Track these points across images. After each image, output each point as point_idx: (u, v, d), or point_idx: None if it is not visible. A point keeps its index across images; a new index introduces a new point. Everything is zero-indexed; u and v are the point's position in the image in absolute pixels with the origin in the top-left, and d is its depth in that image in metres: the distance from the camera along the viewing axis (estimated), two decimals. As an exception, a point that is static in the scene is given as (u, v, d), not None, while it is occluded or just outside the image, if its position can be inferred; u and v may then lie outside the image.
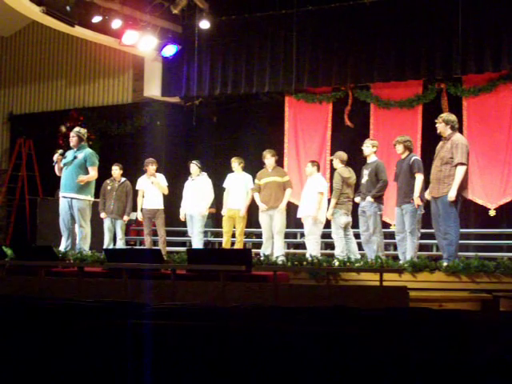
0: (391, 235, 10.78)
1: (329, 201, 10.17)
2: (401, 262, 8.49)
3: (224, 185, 10.45)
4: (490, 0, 10.66)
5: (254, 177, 10.24)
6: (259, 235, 10.67)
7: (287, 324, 2.52)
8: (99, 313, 2.96)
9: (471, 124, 11.16)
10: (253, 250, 9.21)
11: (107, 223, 10.75)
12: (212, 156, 12.93)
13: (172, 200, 10.94)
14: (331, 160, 9.91)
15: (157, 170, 10.70)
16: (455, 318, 2.98)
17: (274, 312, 3.34)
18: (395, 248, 10.33)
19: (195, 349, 1.50)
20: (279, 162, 10.71)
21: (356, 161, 10.02)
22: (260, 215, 10.03)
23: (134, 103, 14.01)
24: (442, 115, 8.57)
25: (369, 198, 8.97)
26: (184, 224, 10.76)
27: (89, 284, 8.03)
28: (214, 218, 12.33)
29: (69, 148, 9.90)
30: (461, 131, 10.06)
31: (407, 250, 8.60)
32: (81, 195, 9.42)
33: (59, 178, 9.79)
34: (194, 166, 10.52)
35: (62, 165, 9.54)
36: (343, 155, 9.67)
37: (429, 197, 8.49)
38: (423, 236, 9.30)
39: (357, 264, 8.59)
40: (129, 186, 10.97)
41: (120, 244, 10.71)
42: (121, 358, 1.55)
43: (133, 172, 11.67)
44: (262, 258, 9.25)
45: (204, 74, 12.72)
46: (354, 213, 9.46)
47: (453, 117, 8.51)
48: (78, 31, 12.04)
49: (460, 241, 8.80)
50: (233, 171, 10.45)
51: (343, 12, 11.67)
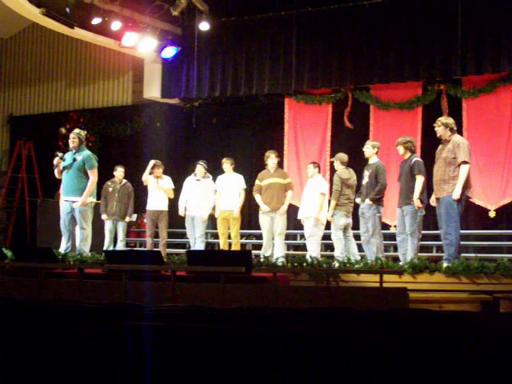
0: (391, 236, 10.79)
1: (329, 202, 10.19)
2: (401, 263, 8.50)
3: (215, 187, 10.44)
4: (490, 1, 10.67)
5: (251, 178, 10.23)
6: (259, 237, 10.67)
7: (287, 325, 2.52)
8: (99, 314, 2.96)
9: (471, 125, 11.16)
10: (253, 252, 9.21)
11: (108, 225, 10.75)
12: (211, 157, 12.91)
13: (172, 202, 10.93)
14: (332, 162, 9.90)
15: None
16: (455, 320, 2.98)
17: (274, 313, 3.34)
18: (395, 249, 10.33)
19: (195, 351, 1.50)
20: (279, 164, 10.71)
21: (356, 162, 10.02)
22: (261, 216, 10.03)
23: (134, 105, 14.02)
24: (440, 119, 8.59)
25: (367, 201, 8.99)
26: (183, 225, 10.74)
27: (89, 286, 8.03)
28: (213, 220, 12.32)
29: (68, 150, 9.88)
30: (460, 132, 10.07)
31: (407, 252, 8.60)
32: (80, 198, 9.40)
33: (59, 180, 9.78)
34: (201, 167, 10.51)
35: (62, 168, 9.52)
36: (343, 157, 9.67)
37: (433, 203, 8.49)
38: (424, 237, 9.30)
39: (357, 265, 8.59)
40: (130, 188, 10.98)
41: (121, 245, 10.72)
42: (121, 360, 1.55)
43: (132, 174, 11.67)
44: (262, 260, 9.25)
45: (204, 76, 12.72)
46: (355, 214, 9.46)
47: (450, 119, 8.57)
48: (78, 33, 12.05)
49: (460, 242, 8.80)
50: (223, 173, 10.45)
51: (343, 13, 11.68)
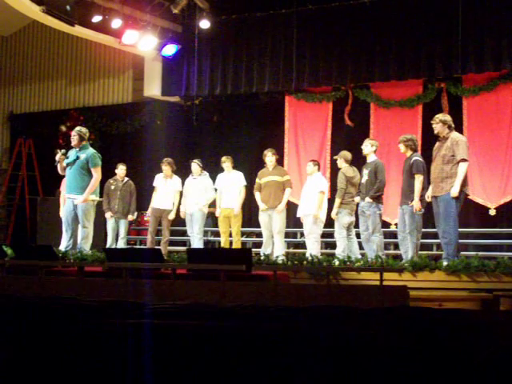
0: (391, 235, 10.80)
1: (329, 200, 10.18)
2: (403, 262, 8.50)
3: (215, 185, 10.45)
4: (490, 0, 10.65)
5: (252, 175, 10.24)
6: (259, 234, 10.67)
7: (287, 323, 2.52)
8: (99, 312, 2.96)
9: (471, 123, 11.16)
10: (253, 250, 9.21)
11: (111, 223, 10.76)
12: (212, 155, 12.91)
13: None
14: (335, 160, 9.89)
15: (172, 171, 10.67)
16: (455, 318, 2.98)
17: (275, 311, 3.34)
18: (395, 247, 10.34)
19: (195, 349, 1.50)
20: (279, 162, 10.70)
21: (356, 160, 10.02)
22: (260, 214, 10.04)
23: (134, 103, 14.01)
24: (438, 116, 8.57)
25: (367, 199, 8.99)
26: (184, 223, 10.77)
27: (89, 283, 8.03)
28: (214, 218, 12.32)
29: (69, 147, 9.86)
30: (461, 131, 10.07)
31: (408, 250, 8.61)
32: (82, 196, 9.39)
33: (59, 178, 9.76)
34: (196, 165, 10.53)
35: (65, 164, 9.47)
36: (347, 154, 9.68)
37: (429, 199, 8.49)
38: (424, 235, 9.30)
39: (357, 263, 8.59)
40: (132, 186, 10.98)
41: (121, 243, 10.72)
42: (121, 358, 1.55)
43: (133, 171, 11.67)
44: (262, 258, 9.25)
45: (204, 74, 12.71)
46: (355, 212, 9.47)
47: (448, 117, 8.55)
48: (78, 31, 12.04)
49: (460, 240, 8.80)
50: (223, 171, 10.46)
51: (343, 11, 11.66)
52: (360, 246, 9.51)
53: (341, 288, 7.76)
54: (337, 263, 8.73)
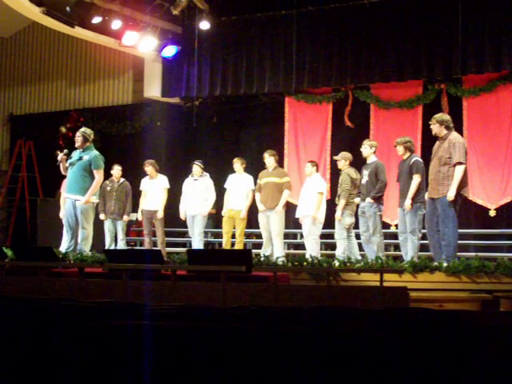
0: (391, 236, 10.80)
1: (329, 201, 10.18)
2: (404, 263, 8.50)
3: (225, 185, 10.46)
4: (490, 0, 10.66)
5: (255, 177, 10.26)
6: (260, 236, 10.68)
7: (287, 325, 2.52)
8: (99, 313, 2.96)
9: (471, 124, 11.16)
10: (253, 251, 9.22)
11: (108, 224, 10.77)
12: (212, 156, 12.93)
13: (172, 200, 10.93)
14: (336, 160, 9.89)
15: (159, 171, 10.73)
16: (455, 319, 2.98)
17: (275, 312, 3.34)
18: (395, 248, 10.34)
19: (195, 350, 1.50)
20: (279, 163, 10.71)
21: (356, 161, 10.03)
22: (259, 215, 10.06)
23: (134, 104, 14.02)
24: (436, 116, 8.56)
25: (368, 199, 8.99)
26: (184, 225, 10.77)
27: (89, 285, 8.03)
28: (214, 219, 12.33)
29: (70, 148, 9.86)
30: (461, 131, 10.07)
31: (408, 251, 8.61)
32: (83, 197, 9.38)
33: (59, 179, 9.76)
34: (197, 167, 10.54)
35: (68, 164, 9.46)
36: (349, 155, 9.68)
37: (425, 198, 8.50)
38: (424, 236, 9.29)
39: (357, 264, 8.60)
40: (128, 187, 10.99)
41: (121, 244, 10.73)
42: (120, 359, 1.55)
43: (133, 173, 11.67)
44: (263, 259, 9.26)
45: (204, 75, 12.73)
46: (355, 213, 9.47)
47: (446, 117, 8.53)
48: (78, 32, 12.05)
49: (460, 241, 8.80)
50: (234, 172, 10.46)
51: (343, 12, 11.68)
52: (360, 247, 9.51)
53: (341, 289, 7.76)
54: (337, 264, 8.74)
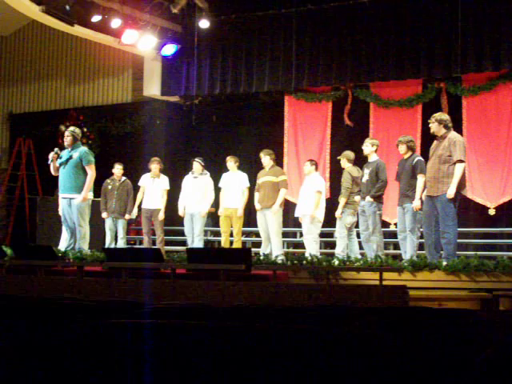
0: (391, 234, 10.79)
1: (328, 200, 10.19)
2: (403, 261, 8.50)
3: (219, 184, 10.46)
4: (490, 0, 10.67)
5: (253, 176, 10.26)
6: (259, 234, 10.68)
7: (287, 323, 2.52)
8: (99, 312, 2.96)
9: (471, 123, 11.15)
10: (252, 250, 9.22)
11: (108, 223, 10.76)
12: (211, 155, 12.92)
13: (171, 199, 10.93)
14: (339, 160, 9.89)
15: (160, 171, 10.73)
16: (455, 317, 2.98)
17: (274, 311, 3.34)
18: (395, 247, 10.34)
19: (195, 348, 1.50)
20: (279, 162, 10.71)
21: (356, 160, 10.03)
22: (257, 215, 10.07)
23: (134, 102, 14.01)
24: (435, 115, 8.55)
25: (368, 198, 8.99)
26: (182, 223, 10.76)
27: (88, 283, 8.03)
28: (214, 218, 12.32)
29: (63, 148, 9.88)
30: (460, 130, 10.06)
31: (407, 249, 8.61)
32: (80, 195, 9.40)
33: (58, 177, 9.76)
34: (197, 164, 10.53)
35: (58, 164, 9.51)
36: (350, 154, 9.69)
37: (423, 196, 8.50)
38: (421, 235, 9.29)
39: (356, 263, 8.60)
40: (129, 185, 10.99)
41: (121, 243, 10.73)
42: (120, 358, 1.55)
43: (132, 171, 11.67)
44: (262, 258, 9.26)
45: (203, 73, 12.72)
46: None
47: (445, 116, 8.52)
48: (78, 30, 12.03)
49: (460, 240, 8.80)
50: (228, 170, 10.47)
51: (343, 11, 11.66)
52: (360, 246, 9.51)
53: (340, 288, 7.76)
54: (336, 263, 8.74)
